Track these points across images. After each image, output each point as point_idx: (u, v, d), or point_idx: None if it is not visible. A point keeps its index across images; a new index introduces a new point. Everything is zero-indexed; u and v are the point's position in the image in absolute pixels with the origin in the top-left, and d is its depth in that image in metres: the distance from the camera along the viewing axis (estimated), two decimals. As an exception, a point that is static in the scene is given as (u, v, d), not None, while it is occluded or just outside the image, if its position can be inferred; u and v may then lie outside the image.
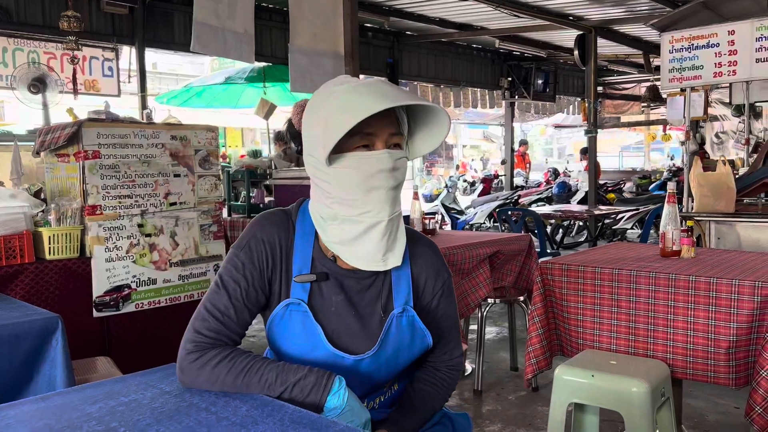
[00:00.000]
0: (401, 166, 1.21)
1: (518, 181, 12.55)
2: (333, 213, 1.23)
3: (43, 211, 3.24)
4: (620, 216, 8.46)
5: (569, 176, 12.95)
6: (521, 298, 3.66)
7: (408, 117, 1.25)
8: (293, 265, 1.28)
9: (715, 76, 4.66)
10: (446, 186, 12.55)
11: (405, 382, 1.44)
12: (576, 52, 8.64)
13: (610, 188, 11.36)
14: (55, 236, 3.16)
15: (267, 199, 5.93)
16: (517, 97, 11.01)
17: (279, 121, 7.62)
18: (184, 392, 1.20)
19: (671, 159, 16.42)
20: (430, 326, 1.35)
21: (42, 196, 3.55)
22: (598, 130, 8.96)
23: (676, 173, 10.68)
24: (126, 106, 6.56)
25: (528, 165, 14.52)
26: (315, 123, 1.20)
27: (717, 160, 4.48)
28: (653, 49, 9.56)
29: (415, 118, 1.26)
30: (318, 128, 1.18)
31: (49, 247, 3.15)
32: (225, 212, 5.35)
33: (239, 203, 6.22)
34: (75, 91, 5.68)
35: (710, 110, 7.95)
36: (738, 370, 2.12)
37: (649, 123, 16.27)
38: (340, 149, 1.18)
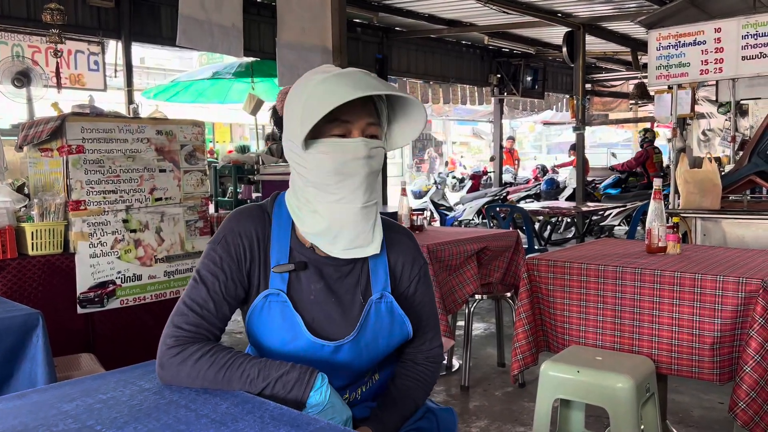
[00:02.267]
0: (376, 155, 1.23)
1: (507, 177, 12.58)
2: (308, 198, 1.24)
3: (26, 206, 3.20)
4: (608, 212, 8.51)
5: (557, 173, 13.00)
6: (508, 294, 3.66)
7: (388, 110, 1.27)
8: (271, 256, 1.28)
9: (701, 74, 4.68)
10: (435, 182, 12.56)
11: (386, 372, 1.44)
12: (564, 49, 8.66)
13: (597, 185, 11.42)
14: (38, 231, 3.12)
15: (254, 195, 5.90)
16: (506, 93, 11.03)
17: (267, 117, 7.57)
18: (164, 389, 1.18)
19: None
20: (408, 314, 1.36)
21: (25, 191, 3.50)
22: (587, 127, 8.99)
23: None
24: (113, 101, 6.49)
25: (517, 162, 14.55)
26: (294, 109, 1.21)
27: (703, 157, 4.51)
28: (641, 46, 9.60)
29: (394, 110, 1.27)
30: (296, 113, 1.19)
31: (32, 243, 3.11)
32: (212, 208, 5.32)
33: (226, 199, 6.18)
34: (58, 85, 5.61)
35: (697, 108, 8.00)
36: (722, 365, 2.13)
37: (637, 120, 16.36)
38: (317, 135, 1.19)
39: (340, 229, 1.22)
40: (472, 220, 9.92)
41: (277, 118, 1.32)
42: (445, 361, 3.94)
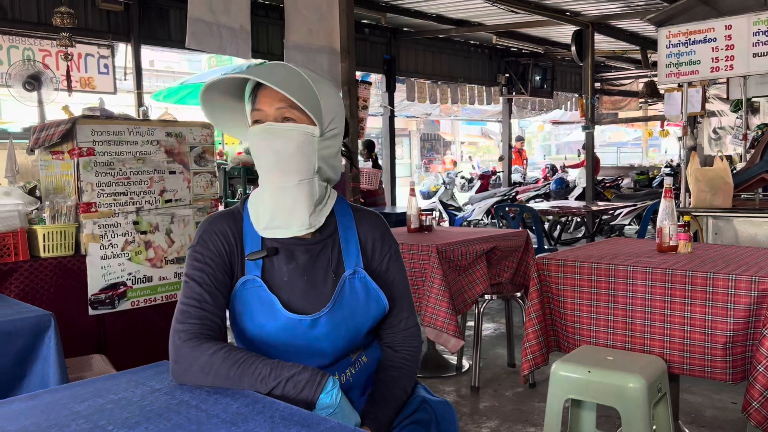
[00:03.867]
0: (283, 135, 1.30)
1: (516, 177, 12.54)
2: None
3: (37, 208, 3.22)
4: (618, 212, 8.46)
5: (567, 172, 12.95)
6: (518, 294, 3.65)
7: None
8: (245, 247, 1.36)
9: (712, 71, 4.64)
10: (444, 182, 12.55)
11: (373, 353, 1.46)
12: (573, 48, 8.63)
13: (607, 184, 11.37)
14: (50, 234, 3.14)
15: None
16: (514, 93, 10.99)
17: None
18: (175, 390, 1.19)
19: (665, 153, 16.43)
20: (383, 291, 1.41)
21: (36, 193, 3.52)
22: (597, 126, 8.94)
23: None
24: (122, 104, 6.53)
25: (525, 161, 14.51)
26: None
27: (714, 156, 4.47)
28: (650, 44, 9.55)
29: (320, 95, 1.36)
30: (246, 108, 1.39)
31: (44, 245, 3.13)
32: (221, 209, 5.33)
33: (236, 200, 6.19)
34: (69, 88, 5.65)
35: (708, 106, 7.94)
36: (735, 365, 2.12)
37: (646, 119, 16.27)
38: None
39: (259, 209, 1.34)
40: (481, 220, 9.90)
41: None
42: (454, 362, 3.93)
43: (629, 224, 8.98)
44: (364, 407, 1.36)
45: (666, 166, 13.18)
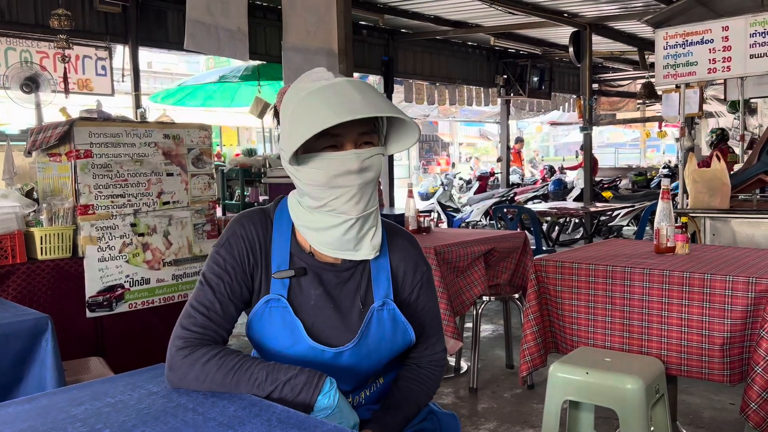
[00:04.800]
0: (371, 164, 1.21)
1: (514, 178, 12.55)
2: (306, 204, 1.26)
3: (35, 210, 3.22)
4: (616, 213, 8.46)
5: (565, 173, 12.96)
6: (516, 296, 3.65)
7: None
8: (272, 261, 1.30)
9: (709, 72, 4.65)
10: (442, 184, 12.55)
11: (391, 376, 1.43)
12: (571, 49, 8.63)
13: (606, 185, 11.37)
14: (47, 236, 3.14)
15: (261, 198, 5.91)
16: (512, 94, 11.00)
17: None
18: (172, 393, 1.19)
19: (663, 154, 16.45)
20: (411, 320, 1.35)
21: (34, 195, 3.52)
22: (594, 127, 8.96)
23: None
24: (120, 106, 6.52)
25: (523, 162, 14.53)
26: (284, 120, 1.21)
27: (711, 157, 4.48)
28: (648, 45, 9.56)
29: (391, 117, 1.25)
30: (285, 128, 1.20)
31: (41, 247, 3.13)
32: (219, 211, 5.33)
33: (234, 202, 6.19)
34: (66, 90, 5.64)
35: (705, 107, 7.96)
36: (732, 366, 2.12)
37: (644, 120, 16.29)
38: (308, 149, 1.19)
39: (333, 235, 1.24)
40: (480, 221, 9.90)
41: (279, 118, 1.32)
42: (453, 363, 3.93)
43: (627, 225, 8.98)
44: (375, 411, 1.34)
45: (664, 167, 13.20)
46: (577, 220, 9.16)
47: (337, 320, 1.30)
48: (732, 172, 4.49)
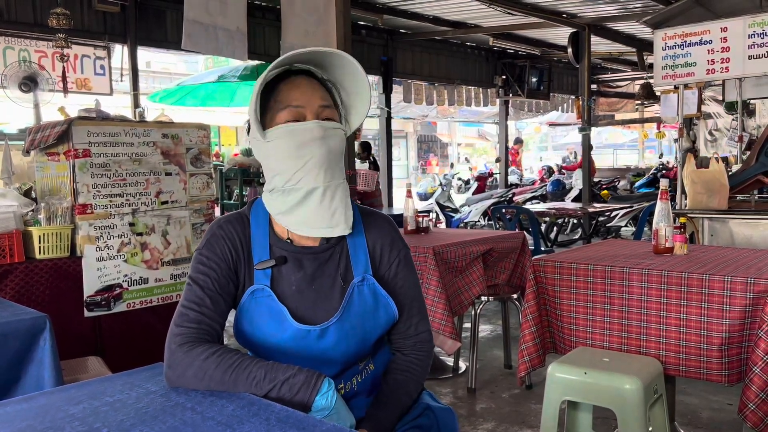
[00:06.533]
0: (333, 135, 1.30)
1: (513, 179, 12.56)
2: (276, 186, 1.32)
3: (33, 210, 3.21)
4: (614, 213, 8.47)
5: (564, 174, 12.97)
6: (515, 296, 3.65)
7: (341, 95, 1.36)
8: (253, 254, 1.34)
9: (708, 73, 4.65)
10: (441, 184, 12.55)
11: (380, 362, 1.44)
12: (570, 50, 8.64)
13: (604, 186, 11.39)
14: (46, 235, 3.14)
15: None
16: (511, 95, 11.01)
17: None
18: (170, 392, 1.18)
19: (660, 157, 16.47)
20: (392, 298, 1.39)
21: (32, 195, 3.52)
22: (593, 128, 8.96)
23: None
24: (119, 105, 6.51)
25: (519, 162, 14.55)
26: (250, 104, 1.30)
27: (710, 157, 4.48)
28: (647, 46, 9.58)
29: (348, 93, 1.36)
30: (251, 105, 1.29)
31: (39, 247, 3.12)
32: (218, 211, 5.32)
33: (232, 201, 6.19)
34: (65, 90, 5.64)
35: (704, 108, 7.96)
36: (731, 366, 2.12)
37: (643, 120, 16.30)
38: (273, 125, 1.30)
39: (305, 208, 1.29)
40: (478, 221, 9.91)
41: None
42: (451, 363, 3.93)
43: (626, 226, 8.99)
44: (368, 409, 1.35)
45: (659, 166, 13.22)
46: (575, 221, 9.17)
47: (320, 300, 1.33)
48: (730, 173, 4.50)
